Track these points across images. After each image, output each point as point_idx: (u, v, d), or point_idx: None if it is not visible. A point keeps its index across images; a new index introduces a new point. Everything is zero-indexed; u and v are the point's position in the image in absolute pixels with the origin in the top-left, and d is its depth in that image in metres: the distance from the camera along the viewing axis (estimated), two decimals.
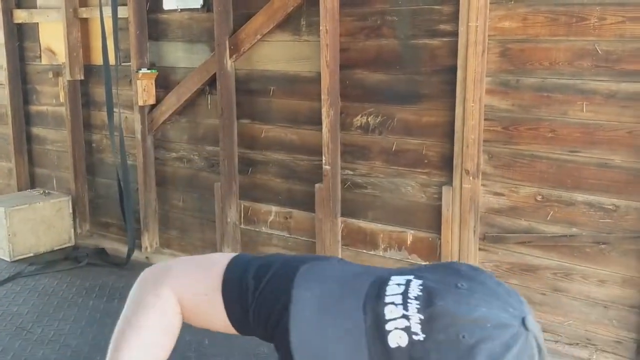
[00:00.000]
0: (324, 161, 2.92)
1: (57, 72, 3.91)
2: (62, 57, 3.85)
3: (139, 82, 3.43)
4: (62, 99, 3.90)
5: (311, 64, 2.97)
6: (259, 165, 3.25)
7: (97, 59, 3.75)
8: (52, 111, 4.07)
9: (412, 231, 2.76)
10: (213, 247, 3.40)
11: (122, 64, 3.51)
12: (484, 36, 2.43)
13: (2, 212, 3.64)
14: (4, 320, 2.86)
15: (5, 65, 4.14)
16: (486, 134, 2.51)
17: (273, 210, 3.23)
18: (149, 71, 3.45)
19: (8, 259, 3.63)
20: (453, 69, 2.52)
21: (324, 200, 2.95)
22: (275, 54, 3.09)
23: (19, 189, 4.23)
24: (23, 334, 2.72)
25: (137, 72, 3.43)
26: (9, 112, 4.21)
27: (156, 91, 3.49)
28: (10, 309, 2.97)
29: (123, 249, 3.71)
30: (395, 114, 2.75)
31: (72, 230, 3.95)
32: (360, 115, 2.86)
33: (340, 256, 3.00)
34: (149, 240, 3.67)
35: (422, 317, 0.62)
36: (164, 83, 3.49)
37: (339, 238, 3.01)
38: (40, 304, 3.04)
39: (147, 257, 3.64)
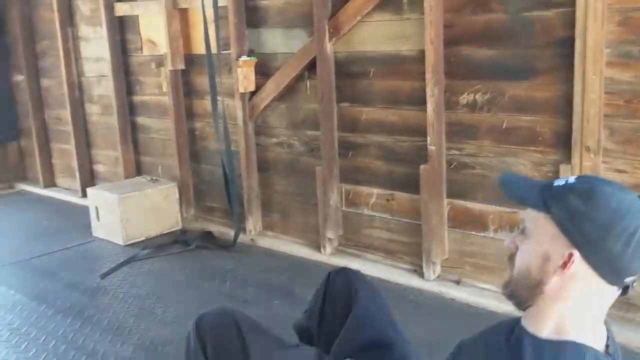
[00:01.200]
0: (428, 141, 2.87)
1: (159, 62, 4.05)
2: (163, 47, 3.98)
3: (239, 69, 3.49)
4: (164, 89, 4.04)
5: (413, 42, 2.92)
6: (360, 148, 3.24)
7: (197, 49, 3.85)
8: (155, 101, 4.23)
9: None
10: (315, 229, 3.45)
11: (222, 52, 3.59)
12: (603, 4, 2.30)
13: (116, 199, 3.84)
14: (126, 302, 3.02)
15: (108, 57, 4.33)
16: (606, 109, 2.38)
17: (374, 192, 3.22)
18: (248, 58, 3.50)
19: (122, 243, 3.83)
20: (569, 41, 2.40)
21: (429, 182, 2.91)
22: (375, 35, 3.06)
23: (126, 177, 4.44)
24: (146, 315, 2.86)
25: (237, 59, 3.50)
26: (114, 103, 4.41)
27: (256, 78, 3.55)
28: (131, 291, 3.14)
29: (228, 232, 3.83)
30: (505, 90, 2.67)
31: (179, 215, 4.12)
32: (466, 93, 2.79)
33: (446, 238, 2.97)
34: (253, 223, 3.77)
35: None
36: (263, 70, 3.54)
37: (445, 220, 2.97)
38: (157, 286, 3.18)
39: (252, 240, 3.74)
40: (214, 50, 3.56)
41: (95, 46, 4.51)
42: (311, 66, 3.29)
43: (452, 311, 2.77)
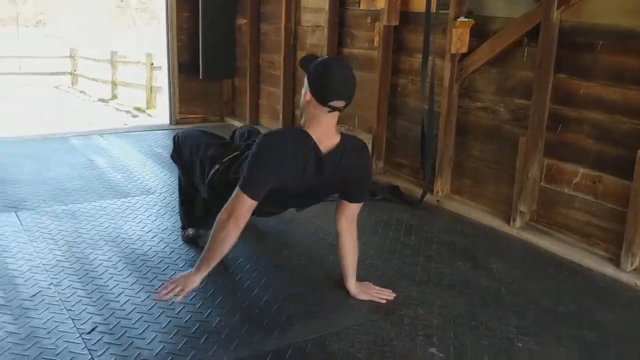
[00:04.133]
0: None
1: (375, 17, 4.18)
2: (380, 3, 4.09)
3: (454, 30, 3.49)
4: (375, 44, 4.16)
5: None
6: (571, 123, 3.11)
7: (414, 6, 3.91)
8: (364, 54, 4.39)
9: None
10: (507, 200, 3.40)
11: (440, 11, 3.61)
12: None
13: None
14: (318, 236, 3.24)
15: (327, 8, 4.56)
16: None
17: (580, 171, 3.09)
18: (466, 20, 3.49)
19: None
20: None
21: None
22: (610, 7, 2.88)
23: None
24: (335, 250, 3.05)
25: (454, 20, 3.50)
26: (325, 54, 4.64)
27: (469, 40, 3.53)
28: (322, 227, 3.32)
29: (414, 190, 3.92)
30: None
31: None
32: None
33: None
34: (442, 185, 3.81)
35: None
36: (479, 32, 3.51)
37: None
38: None
39: (437, 201, 3.79)
40: (433, 9, 3.59)
41: None
42: (532, 33, 3.19)
43: None
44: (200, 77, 5.70)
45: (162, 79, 9.39)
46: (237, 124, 5.85)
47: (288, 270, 2.83)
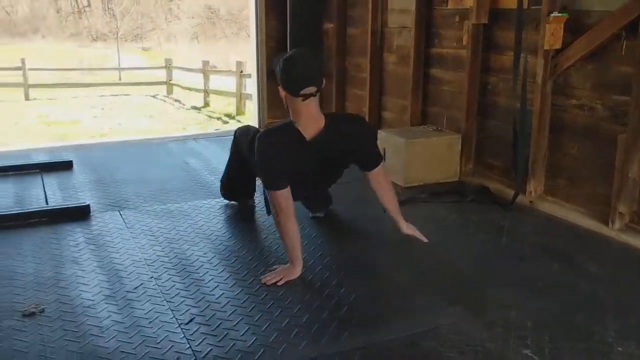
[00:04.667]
0: None
1: (463, 16, 4.12)
2: (469, 1, 4.03)
3: (547, 25, 3.38)
4: (464, 42, 4.10)
5: None
6: None
7: (504, 3, 3.82)
8: (452, 54, 4.33)
9: None
10: (605, 199, 3.25)
11: (533, 7, 3.51)
12: None
13: (403, 143, 4.08)
14: (406, 237, 3.23)
15: (413, 9, 4.54)
16: None
17: None
18: (560, 14, 3.37)
19: (402, 184, 4.08)
20: None
21: None
22: None
23: (411, 125, 4.67)
24: (425, 250, 3.04)
25: (547, 15, 3.39)
26: (412, 54, 4.63)
27: (564, 35, 3.41)
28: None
29: (504, 191, 3.82)
30: None
31: (458, 167, 4.22)
32: None
33: None
34: (534, 186, 3.69)
35: None
36: (573, 27, 3.38)
37: None
38: (435, 227, 3.32)
39: (530, 202, 3.68)
40: (525, 4, 3.50)
41: None
42: (631, 26, 3.04)
43: None
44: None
45: (251, 86, 9.70)
46: None
47: (375, 271, 2.84)
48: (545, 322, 2.35)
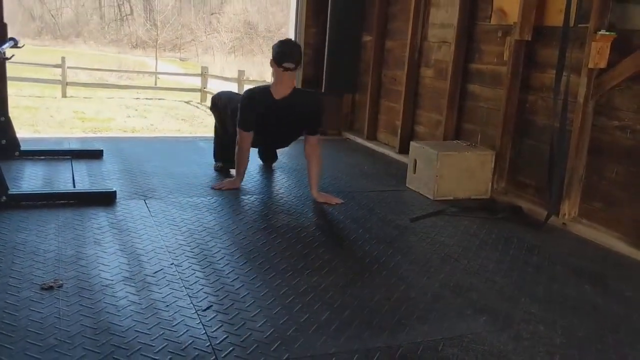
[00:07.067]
0: None
1: (506, 32, 4.06)
2: (513, 17, 3.97)
3: (594, 43, 3.31)
4: (505, 58, 4.04)
5: None
6: None
7: (550, 20, 3.76)
8: (491, 70, 4.27)
9: None
10: None
11: (579, 25, 3.43)
12: None
13: (435, 155, 4.01)
14: (433, 246, 3.16)
15: (455, 24, 4.49)
16: None
17: None
18: (607, 33, 3.29)
19: (431, 197, 4.01)
20: None
21: None
22: None
23: (444, 140, 4.60)
24: (451, 261, 2.96)
25: (594, 33, 3.31)
26: (450, 69, 4.57)
27: (610, 55, 3.32)
28: (437, 238, 3.27)
29: (537, 211, 3.72)
30: None
31: (490, 184, 4.12)
32: None
33: None
34: (569, 208, 3.58)
35: None
36: (620, 46, 3.29)
37: None
38: (463, 240, 3.26)
39: (563, 223, 3.57)
40: (571, 22, 3.43)
41: (445, 13, 4.72)
42: None
43: None
44: (322, 91, 5.81)
45: None
46: (355, 138, 5.89)
47: (400, 276, 2.76)
48: (575, 340, 2.24)
